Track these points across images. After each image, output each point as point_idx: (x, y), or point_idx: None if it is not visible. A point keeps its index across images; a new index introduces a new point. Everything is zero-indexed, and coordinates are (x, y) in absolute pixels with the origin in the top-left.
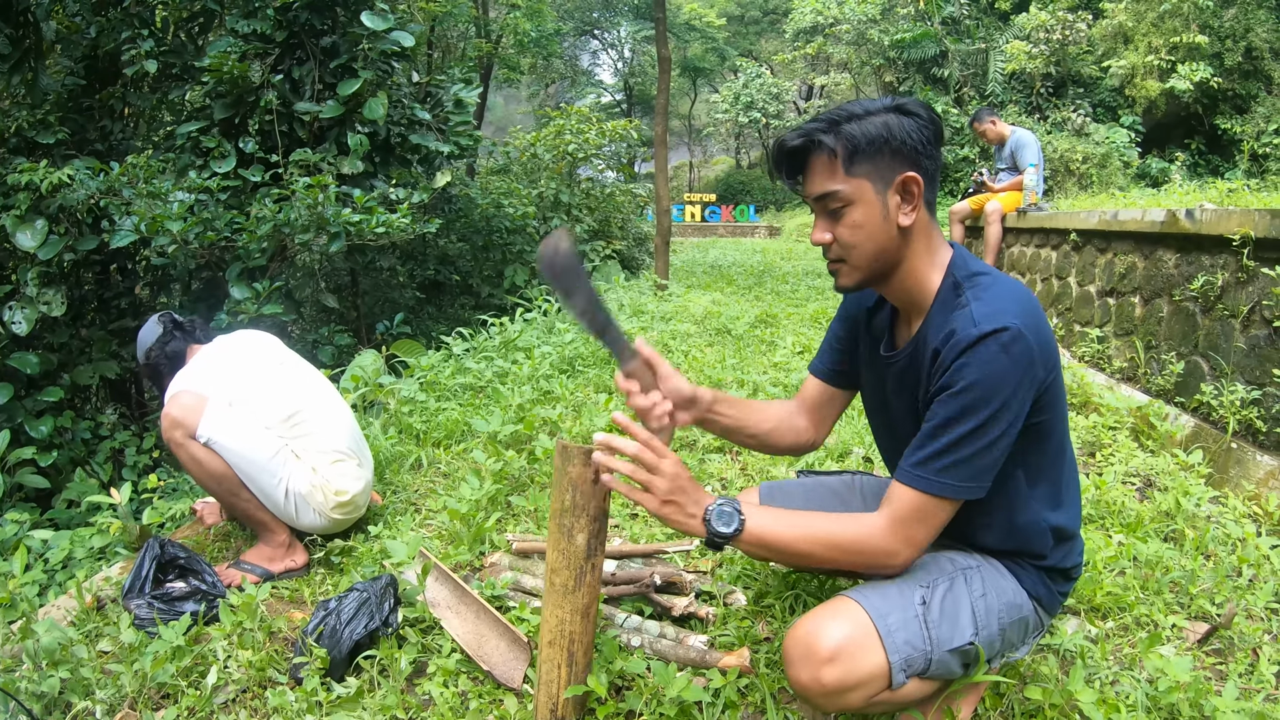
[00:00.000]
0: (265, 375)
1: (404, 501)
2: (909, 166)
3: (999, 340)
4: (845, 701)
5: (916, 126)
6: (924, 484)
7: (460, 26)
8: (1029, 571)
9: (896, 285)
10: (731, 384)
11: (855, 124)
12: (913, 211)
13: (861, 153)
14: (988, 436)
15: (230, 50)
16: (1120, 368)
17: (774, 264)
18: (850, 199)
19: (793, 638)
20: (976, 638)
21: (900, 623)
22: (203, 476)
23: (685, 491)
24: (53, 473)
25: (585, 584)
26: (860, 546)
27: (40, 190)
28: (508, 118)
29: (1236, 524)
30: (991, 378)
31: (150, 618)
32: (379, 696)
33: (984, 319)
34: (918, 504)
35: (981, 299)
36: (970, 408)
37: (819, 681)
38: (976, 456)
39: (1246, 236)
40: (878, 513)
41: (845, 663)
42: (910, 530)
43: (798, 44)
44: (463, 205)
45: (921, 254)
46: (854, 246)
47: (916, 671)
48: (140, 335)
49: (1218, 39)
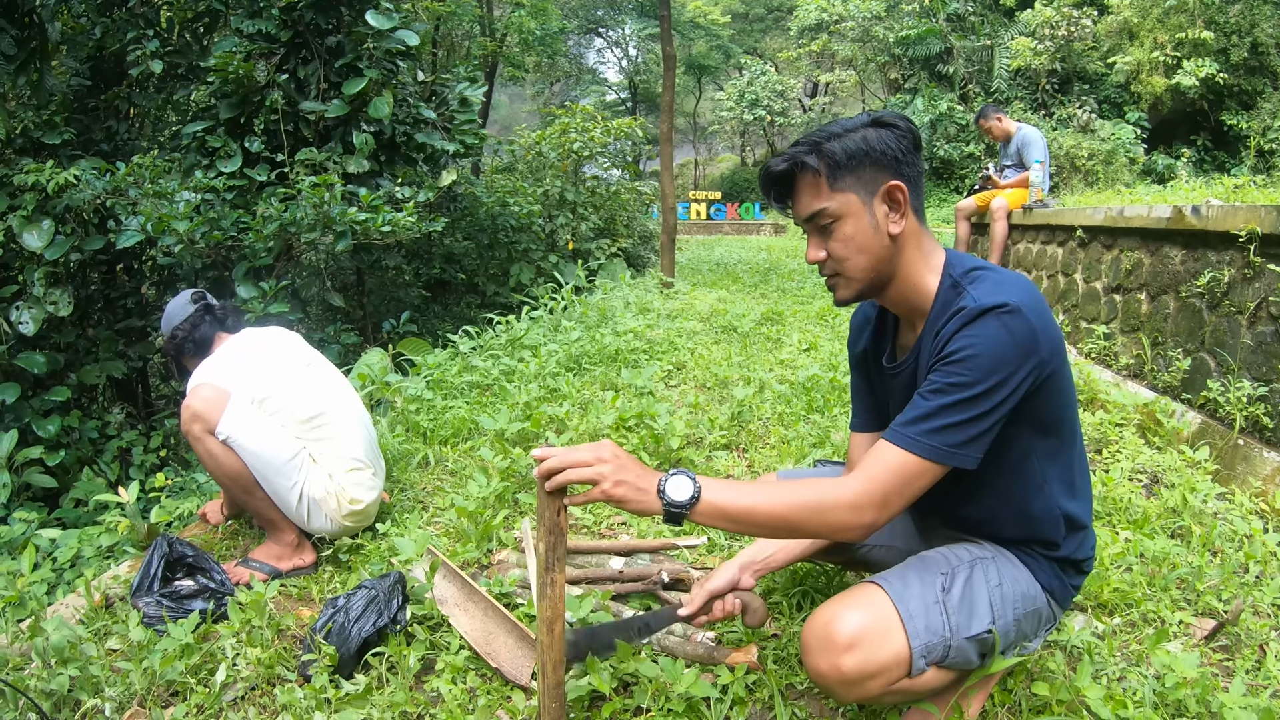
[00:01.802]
0: (292, 375)
1: (412, 499)
2: (891, 175)
3: (999, 315)
4: (864, 690)
5: (894, 137)
6: (909, 443)
7: (465, 25)
8: (1042, 563)
9: (895, 293)
10: (738, 381)
11: (835, 142)
12: (901, 219)
13: (843, 167)
14: (981, 406)
15: (235, 50)
16: (1127, 364)
17: (779, 261)
18: (838, 214)
19: (811, 626)
20: (994, 626)
21: (921, 608)
22: (217, 472)
23: (630, 469)
24: (60, 472)
25: (546, 597)
26: (825, 503)
27: (46, 191)
28: (513, 116)
29: (1243, 520)
30: (991, 350)
31: (159, 616)
32: (388, 693)
33: (985, 296)
34: (899, 462)
35: (981, 285)
36: (967, 375)
37: (838, 669)
38: (968, 424)
39: (1253, 232)
40: (850, 474)
41: (865, 649)
42: (885, 488)
43: (802, 41)
44: (468, 204)
45: (916, 260)
46: (847, 259)
47: (936, 659)
48: (169, 310)
49: (1223, 34)
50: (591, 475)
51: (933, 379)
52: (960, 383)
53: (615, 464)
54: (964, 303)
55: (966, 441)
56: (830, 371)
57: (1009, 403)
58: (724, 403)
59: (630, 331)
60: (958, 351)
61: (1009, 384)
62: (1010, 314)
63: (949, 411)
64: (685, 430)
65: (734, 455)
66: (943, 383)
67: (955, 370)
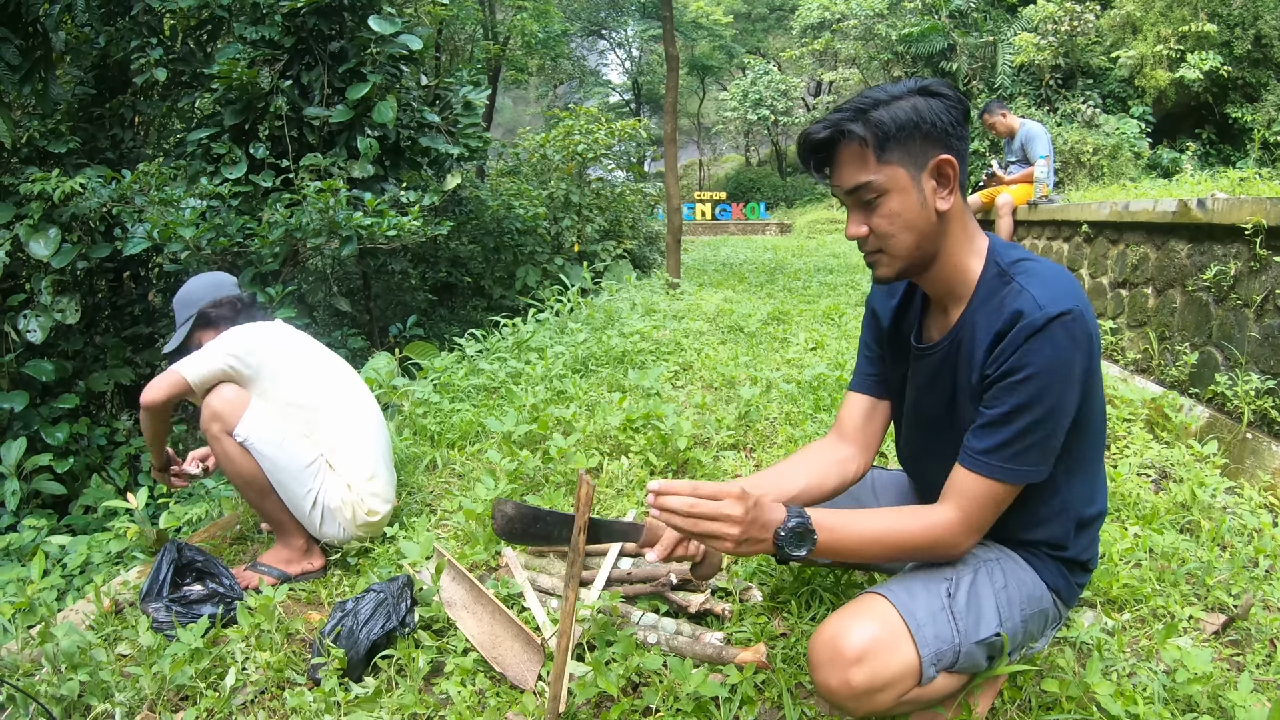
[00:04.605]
0: (330, 368)
1: (420, 502)
2: (942, 149)
3: (1064, 323)
4: (875, 703)
5: (945, 107)
6: (998, 472)
7: (467, 29)
8: (1047, 564)
9: (936, 274)
10: (745, 381)
11: (883, 110)
12: (950, 195)
13: (892, 139)
14: (1055, 423)
15: (239, 57)
16: (1134, 359)
17: (785, 261)
18: (885, 188)
19: (818, 641)
20: (1001, 628)
21: (928, 616)
22: (232, 473)
23: (755, 526)
24: (69, 479)
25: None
26: (931, 541)
27: (53, 199)
28: (516, 119)
29: (1253, 514)
30: (1059, 362)
31: (168, 621)
32: (397, 696)
33: (1049, 302)
34: (989, 492)
35: (1036, 282)
36: (1041, 393)
37: (848, 684)
38: (1045, 440)
39: (1259, 225)
40: (944, 505)
41: (874, 662)
42: (980, 518)
43: (805, 40)
44: (473, 207)
45: (960, 240)
46: (892, 236)
47: (946, 665)
48: (206, 281)
49: (1226, 27)
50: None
51: (1004, 399)
52: (1032, 403)
53: (743, 527)
54: (1022, 306)
55: (1042, 459)
56: (837, 370)
57: (1074, 410)
58: (731, 403)
59: (636, 333)
60: (1026, 368)
61: (1076, 390)
62: (1074, 321)
63: (1029, 433)
64: (692, 431)
65: (741, 455)
66: (1015, 405)
67: (1027, 390)
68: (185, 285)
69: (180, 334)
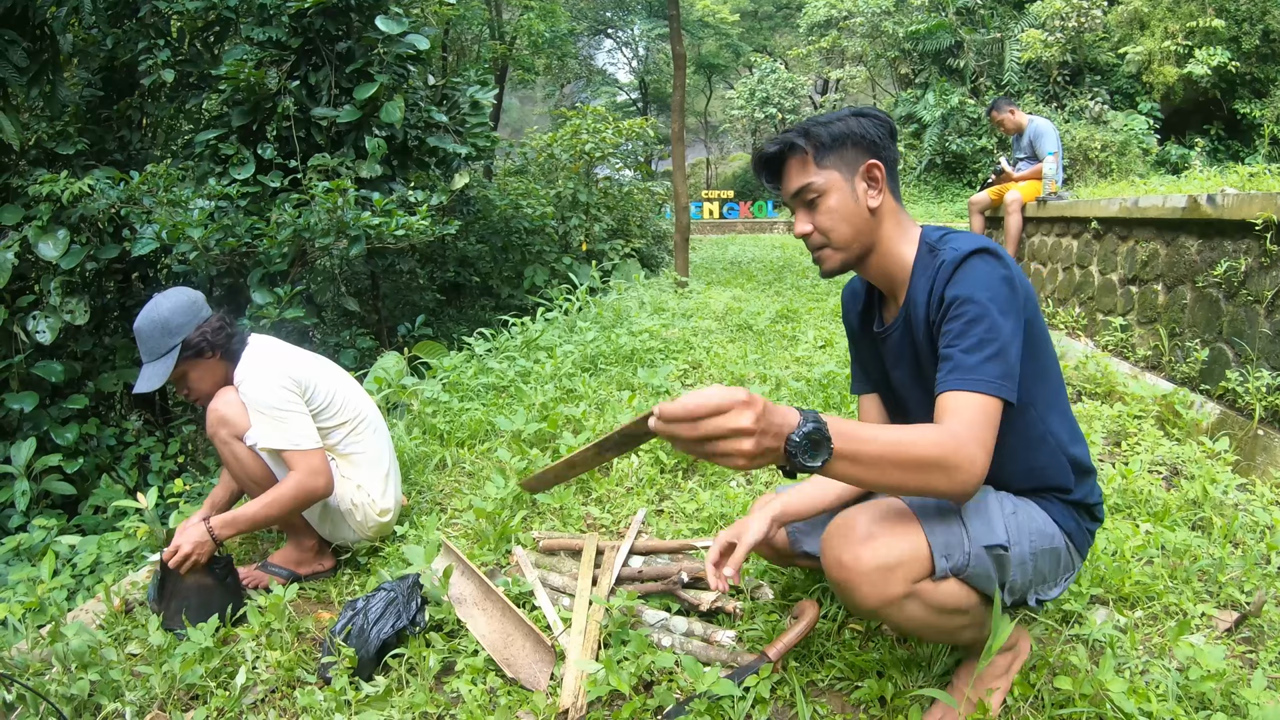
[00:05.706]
0: (341, 376)
1: (429, 501)
2: (870, 156)
3: (981, 256)
4: (886, 588)
5: (874, 124)
6: (969, 384)
7: (474, 29)
8: (1057, 505)
9: (876, 265)
10: (754, 379)
11: (821, 127)
12: (879, 194)
13: (828, 148)
14: (1002, 333)
15: (246, 58)
16: (1144, 356)
17: (793, 259)
18: (823, 189)
19: (831, 526)
20: (1009, 545)
21: (936, 513)
22: (241, 475)
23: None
24: (79, 479)
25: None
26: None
27: (61, 201)
28: (524, 119)
29: (1265, 511)
30: (984, 284)
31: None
32: (408, 695)
33: (962, 244)
34: (980, 406)
35: (955, 239)
36: (979, 311)
37: (858, 559)
38: (1000, 355)
39: (1269, 220)
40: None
41: (884, 540)
42: (982, 434)
43: (812, 38)
44: (481, 207)
45: (894, 233)
46: (831, 229)
47: (956, 564)
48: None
49: (1234, 22)
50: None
51: (949, 329)
52: (975, 317)
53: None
54: (944, 256)
55: (1005, 374)
56: (846, 368)
57: (1019, 333)
58: None
59: (645, 331)
60: (958, 296)
61: (1013, 310)
62: (990, 254)
63: (980, 349)
64: None
65: None
66: (960, 328)
67: (964, 311)
68: (154, 309)
69: (164, 367)
